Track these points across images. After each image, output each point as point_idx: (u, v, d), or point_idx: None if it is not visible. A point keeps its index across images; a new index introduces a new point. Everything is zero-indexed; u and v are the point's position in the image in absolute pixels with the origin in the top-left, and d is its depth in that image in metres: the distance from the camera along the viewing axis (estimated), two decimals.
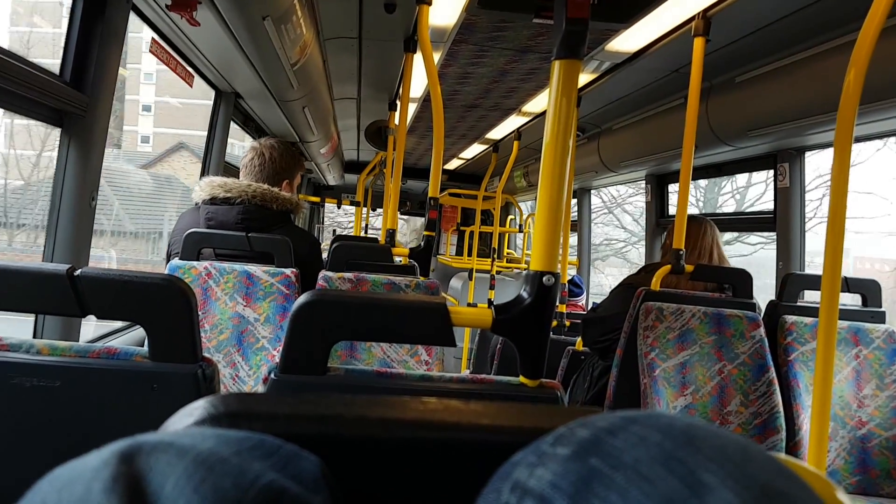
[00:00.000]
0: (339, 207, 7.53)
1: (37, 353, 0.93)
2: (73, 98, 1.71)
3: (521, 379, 1.05)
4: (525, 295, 1.02)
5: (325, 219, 9.84)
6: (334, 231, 8.29)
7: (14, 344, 0.93)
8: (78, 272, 0.92)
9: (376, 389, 0.98)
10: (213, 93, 3.29)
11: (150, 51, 2.31)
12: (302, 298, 0.94)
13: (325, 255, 2.55)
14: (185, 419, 0.35)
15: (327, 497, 0.30)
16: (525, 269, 6.21)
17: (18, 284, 0.91)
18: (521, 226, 6.47)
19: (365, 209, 6.46)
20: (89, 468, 0.27)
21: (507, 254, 7.08)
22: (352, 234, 7.40)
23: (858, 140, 2.55)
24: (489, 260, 5.49)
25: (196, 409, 0.35)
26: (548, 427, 0.33)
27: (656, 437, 0.28)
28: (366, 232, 6.87)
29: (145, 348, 0.96)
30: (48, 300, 0.92)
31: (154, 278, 0.94)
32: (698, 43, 2.23)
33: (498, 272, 5.59)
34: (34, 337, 1.71)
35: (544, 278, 1.01)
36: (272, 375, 0.96)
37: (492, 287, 5.37)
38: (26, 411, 0.91)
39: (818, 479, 0.39)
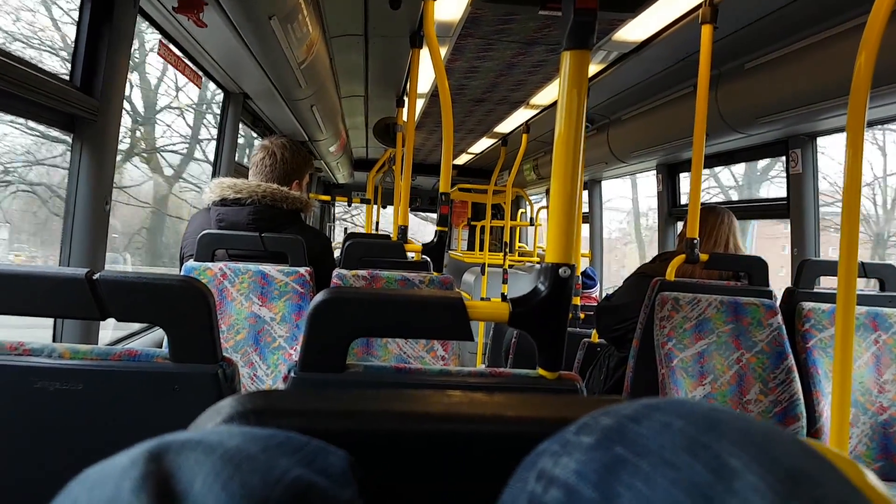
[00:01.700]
0: (349, 205, 7.54)
1: (59, 356, 0.93)
2: (84, 103, 1.71)
3: (540, 371, 1.05)
4: (541, 287, 1.02)
5: (336, 217, 9.87)
6: (346, 229, 8.31)
7: (36, 348, 0.93)
8: (97, 276, 0.92)
9: (395, 385, 0.98)
10: None
11: (158, 53, 2.32)
12: (320, 296, 0.94)
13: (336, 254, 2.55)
14: (213, 417, 0.35)
15: (355, 491, 0.30)
16: (537, 263, 6.21)
17: (38, 289, 0.92)
18: (531, 219, 6.45)
19: (375, 206, 6.47)
20: (118, 468, 0.27)
21: (519, 247, 7.07)
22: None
23: (871, 124, 2.53)
24: (501, 254, 5.48)
25: (223, 407, 0.36)
26: (570, 417, 0.33)
27: (679, 423, 0.28)
28: (376, 229, 6.88)
29: (165, 349, 0.96)
30: (68, 304, 0.92)
31: (172, 280, 0.94)
32: (706, 30, 2.21)
33: (510, 266, 5.58)
34: (53, 341, 1.73)
35: (560, 270, 1.01)
36: (292, 373, 0.96)
37: (504, 281, 5.36)
38: (50, 415, 0.91)
39: (844, 461, 0.39)
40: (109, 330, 2.71)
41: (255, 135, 4.40)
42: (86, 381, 0.92)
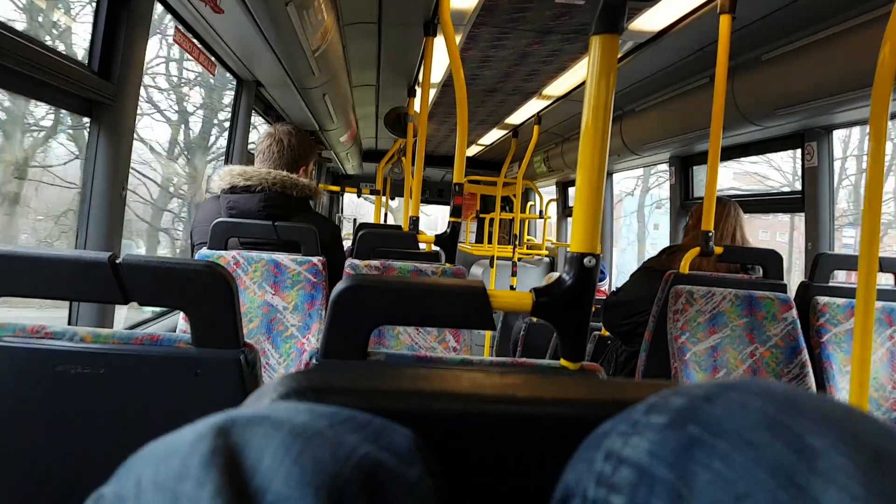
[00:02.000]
0: (359, 196, 7.54)
1: (80, 340, 0.93)
2: (102, 87, 1.71)
3: (563, 362, 1.05)
4: (566, 277, 1.01)
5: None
6: (355, 221, 8.35)
7: (58, 332, 0.93)
8: (119, 259, 0.92)
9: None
10: None
11: (174, 40, 2.31)
12: (342, 283, 0.93)
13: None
14: (269, 394, 0.35)
15: (422, 469, 0.29)
16: (546, 256, 6.18)
17: (60, 273, 0.91)
18: (541, 212, 6.43)
19: (384, 197, 6.46)
20: (185, 442, 0.27)
21: (528, 240, 7.07)
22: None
23: (894, 116, 2.50)
24: (510, 247, 5.47)
25: (279, 383, 0.35)
26: (630, 399, 0.32)
27: (757, 402, 0.27)
28: (385, 220, 6.88)
29: (187, 334, 0.96)
30: (90, 288, 0.92)
31: (195, 265, 0.94)
32: (724, 20, 2.18)
33: (519, 259, 5.57)
34: (69, 325, 1.73)
35: (585, 259, 1.00)
36: (313, 360, 0.96)
37: (513, 274, 5.35)
38: (71, 398, 0.91)
39: None
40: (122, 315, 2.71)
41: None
42: (107, 365, 0.92)
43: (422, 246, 2.56)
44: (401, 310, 0.97)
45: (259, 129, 4.27)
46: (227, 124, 4.28)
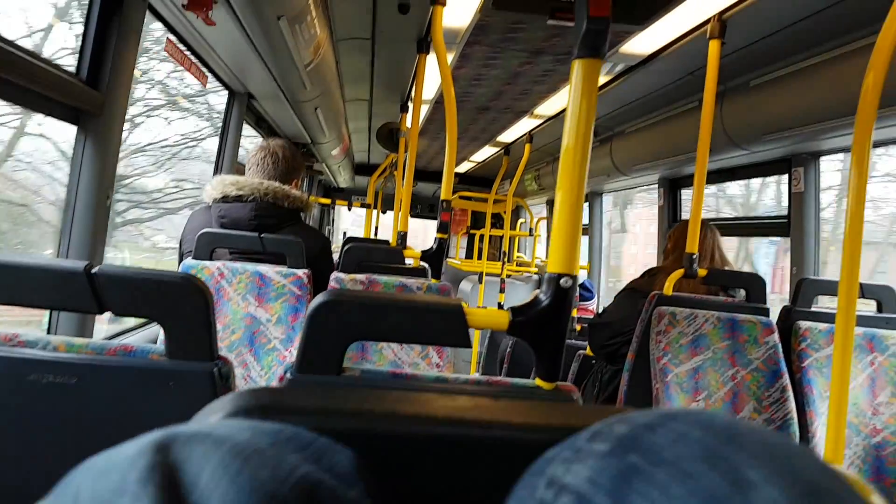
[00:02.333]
0: (349, 209, 7.54)
1: (53, 349, 0.92)
2: (90, 96, 1.71)
3: (538, 381, 1.04)
4: (542, 297, 1.01)
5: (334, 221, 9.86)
6: (345, 233, 8.34)
7: (30, 340, 0.93)
8: (95, 269, 0.91)
9: (392, 390, 0.97)
10: None
11: (166, 50, 2.32)
12: (319, 297, 0.93)
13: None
14: (217, 411, 0.35)
15: (362, 490, 0.29)
16: (535, 273, 6.20)
17: (36, 281, 0.91)
18: (531, 229, 6.45)
19: (375, 211, 6.47)
20: (125, 458, 0.27)
21: (517, 257, 7.07)
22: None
23: (877, 145, 2.53)
24: (499, 263, 5.48)
25: (228, 401, 0.35)
26: (579, 425, 0.32)
27: (697, 433, 0.27)
28: (375, 234, 6.88)
29: (161, 346, 0.95)
30: (66, 297, 0.92)
31: (171, 276, 0.94)
32: (713, 45, 2.21)
33: (508, 276, 5.57)
34: (48, 334, 1.72)
35: (562, 280, 1.00)
36: (288, 375, 0.95)
37: (502, 290, 5.36)
38: (43, 408, 0.90)
39: (856, 481, 0.38)
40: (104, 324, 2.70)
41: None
42: (80, 375, 0.91)
43: (409, 261, 2.56)
44: (377, 326, 0.97)
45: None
46: (137, 120, 4.22)
